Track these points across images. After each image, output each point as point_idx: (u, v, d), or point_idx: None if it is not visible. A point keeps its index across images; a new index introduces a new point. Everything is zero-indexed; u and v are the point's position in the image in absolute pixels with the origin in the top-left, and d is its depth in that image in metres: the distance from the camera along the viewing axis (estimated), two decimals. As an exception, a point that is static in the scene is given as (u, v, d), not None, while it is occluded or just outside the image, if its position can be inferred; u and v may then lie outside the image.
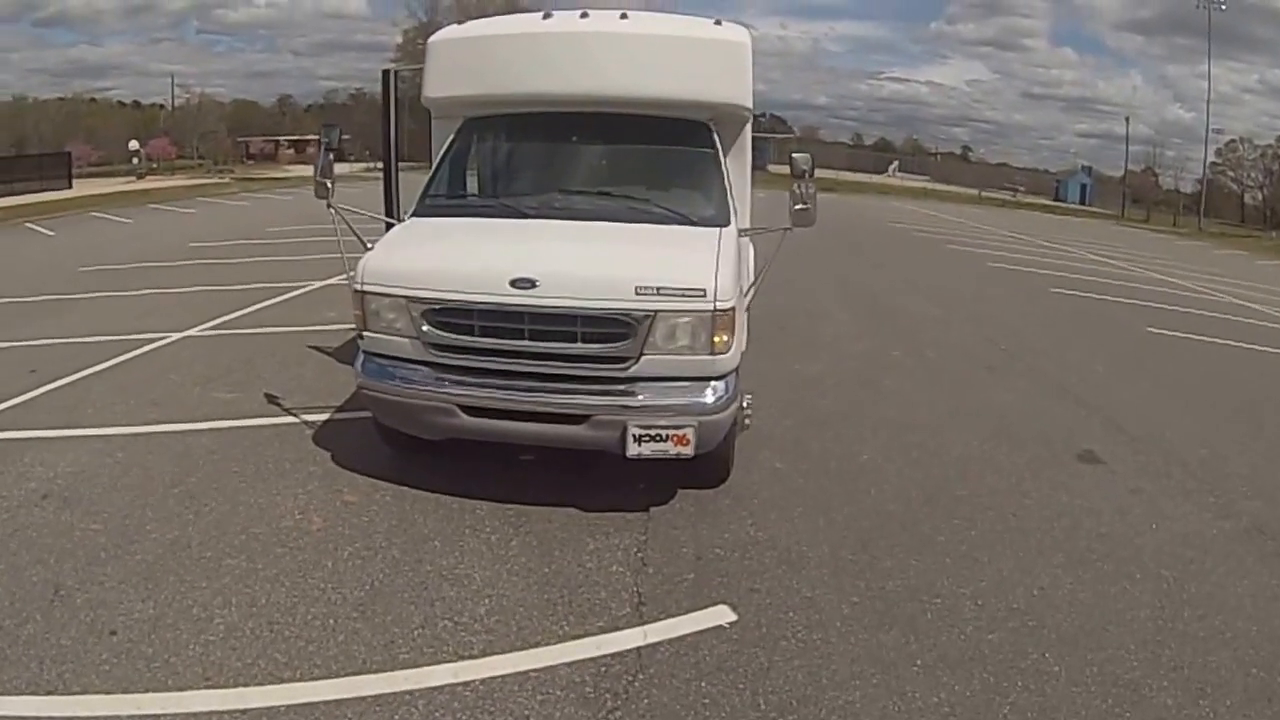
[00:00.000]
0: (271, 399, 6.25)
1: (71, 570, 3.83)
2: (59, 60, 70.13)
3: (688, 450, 4.23)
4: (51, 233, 19.86)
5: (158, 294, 10.67)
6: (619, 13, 5.63)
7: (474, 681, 3.12)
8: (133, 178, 38.12)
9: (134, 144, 41.32)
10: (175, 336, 8.21)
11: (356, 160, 36.07)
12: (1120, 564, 4.28)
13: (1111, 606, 3.86)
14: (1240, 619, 3.81)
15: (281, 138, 49.22)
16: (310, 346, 7.77)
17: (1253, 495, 5.33)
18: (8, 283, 11.80)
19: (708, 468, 4.77)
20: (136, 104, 58.58)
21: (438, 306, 4.31)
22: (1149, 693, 3.23)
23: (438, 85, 5.65)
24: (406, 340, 4.41)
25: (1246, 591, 4.08)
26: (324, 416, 5.89)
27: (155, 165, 41.85)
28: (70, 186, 32.47)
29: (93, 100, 56.15)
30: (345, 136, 43.45)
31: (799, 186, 4.65)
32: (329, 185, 5.01)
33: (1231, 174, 56.33)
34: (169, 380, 6.75)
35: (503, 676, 3.16)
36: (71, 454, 5.16)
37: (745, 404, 4.64)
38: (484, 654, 3.30)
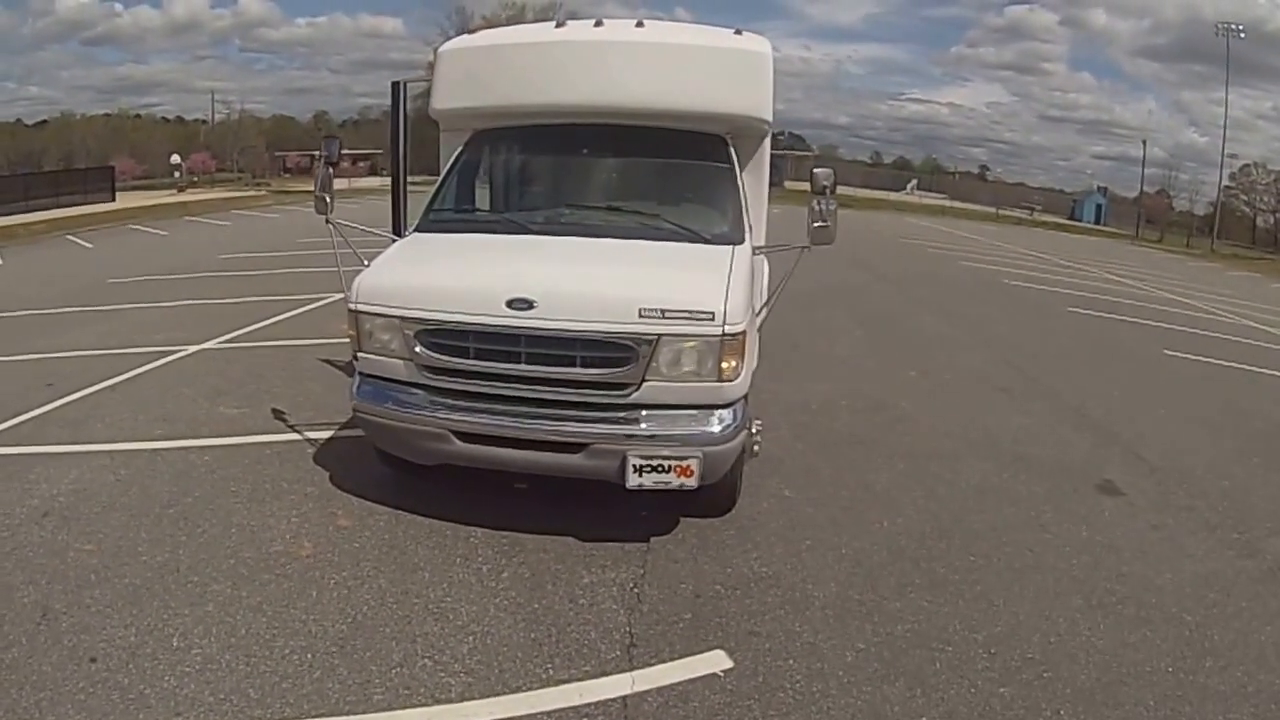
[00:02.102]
0: (277, 415, 6.21)
1: (61, 592, 3.79)
2: (106, 77, 72.15)
3: (691, 482, 4.05)
4: (89, 245, 20.27)
5: (182, 306, 10.78)
6: (634, 21, 5.52)
7: (446, 729, 3.00)
8: (174, 191, 38.90)
9: (175, 158, 42.23)
10: (192, 349, 8.24)
11: (388, 174, 36.38)
12: (1140, 607, 4.05)
13: (1130, 656, 3.63)
14: (1263, 670, 3.58)
15: (316, 152, 49.94)
16: (322, 360, 7.73)
17: (1276, 532, 5.07)
18: (41, 294, 12.02)
19: (713, 497, 4.57)
20: (180, 119, 59.97)
21: (431, 327, 4.17)
22: (1166, 758, 3.02)
23: (446, 96, 5.53)
24: (400, 362, 4.28)
25: (1270, 639, 3.84)
26: (327, 434, 5.83)
27: (196, 179, 42.69)
28: (113, 199, 33.32)
29: (137, 116, 57.65)
30: (376, 150, 43.80)
31: (818, 203, 4.44)
32: (328, 200, 4.90)
33: (1244, 197, 56.00)
34: (180, 395, 6.75)
35: (478, 724, 3.02)
36: (76, 470, 5.14)
37: (754, 430, 4.46)
38: (461, 698, 3.16)
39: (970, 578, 4.25)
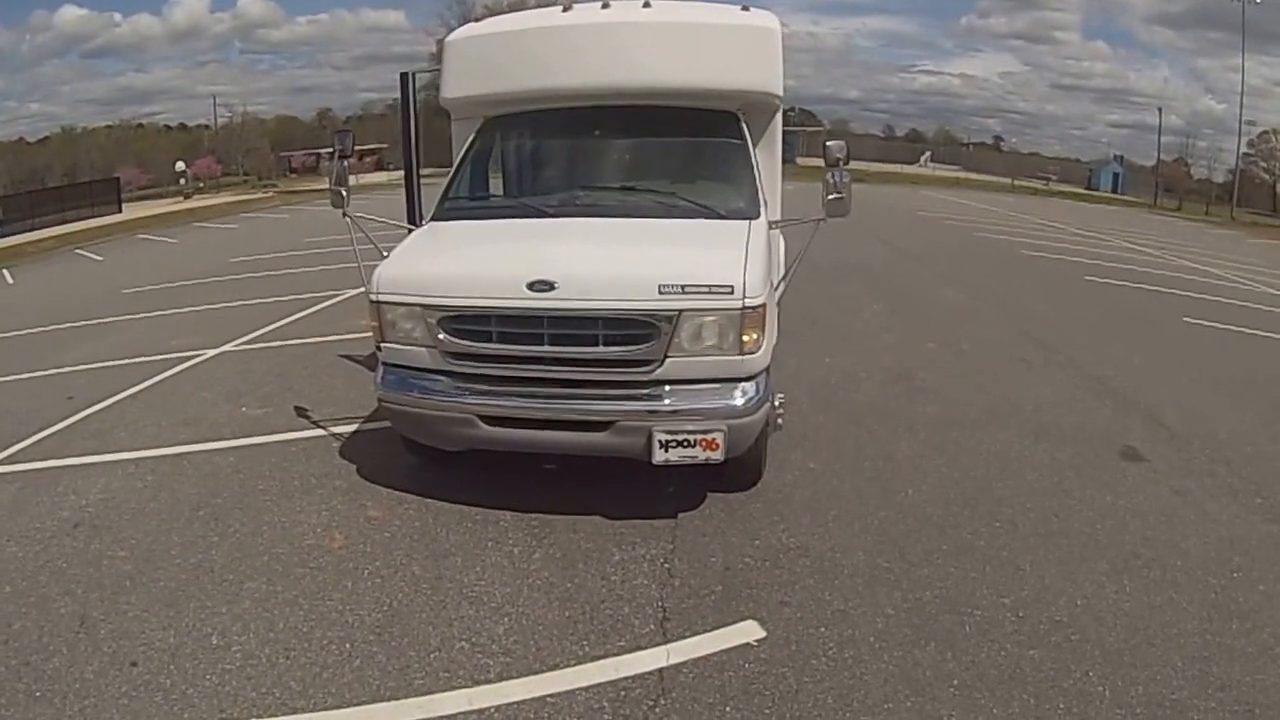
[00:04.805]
0: (301, 412, 6.26)
1: (98, 600, 3.84)
2: (107, 89, 71.24)
3: (717, 455, 4.08)
4: (100, 257, 20.41)
5: (197, 311, 10.84)
6: (641, 1, 5.49)
7: (488, 709, 3.03)
8: (180, 198, 39.02)
9: (180, 165, 42.22)
10: (211, 353, 8.30)
11: (396, 168, 36.40)
12: (1166, 570, 4.04)
13: (1157, 618, 3.63)
14: (1289, 632, 3.56)
15: (322, 150, 49.79)
16: (341, 356, 7.79)
17: (1299, 496, 5.03)
18: (55, 309, 12.12)
19: (739, 471, 4.62)
20: (183, 126, 59.42)
21: (453, 313, 4.20)
22: (1196, 715, 3.03)
23: (456, 85, 5.55)
24: (424, 350, 4.31)
25: (1295, 602, 3.82)
26: (352, 428, 5.88)
27: (202, 184, 42.69)
28: (120, 210, 33.48)
29: (140, 125, 57.26)
30: (382, 145, 43.57)
31: (833, 175, 4.46)
32: (344, 194, 4.90)
33: (1263, 164, 54.52)
34: (201, 398, 6.81)
35: (518, 703, 3.06)
36: (103, 480, 5.20)
37: (777, 403, 4.47)
38: (500, 678, 3.21)
39: (996, 543, 4.26)
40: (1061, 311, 10.67)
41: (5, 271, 19.52)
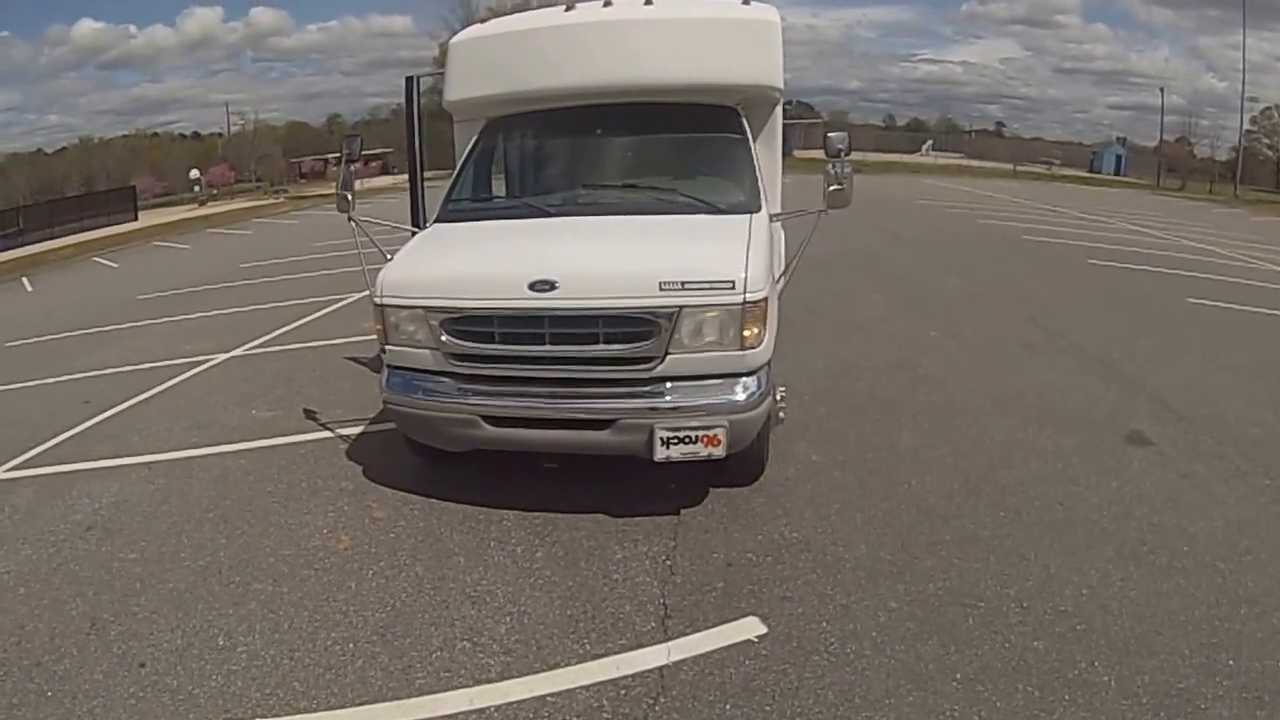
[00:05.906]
0: (309, 415, 6.31)
1: (108, 602, 3.89)
2: (123, 99, 72.35)
3: (719, 451, 4.08)
4: (115, 264, 20.66)
5: (208, 316, 10.96)
6: None
7: (489, 708, 3.05)
8: (195, 205, 39.39)
9: (194, 173, 42.69)
10: (222, 357, 8.39)
11: (400, 172, 36.58)
12: (1173, 556, 4.00)
13: (1164, 606, 3.60)
14: (1300, 616, 3.52)
15: (330, 156, 50.13)
16: (348, 358, 7.84)
17: (1308, 478, 4.96)
18: (72, 316, 12.31)
19: (741, 466, 4.62)
20: (196, 134, 60.08)
21: (456, 315, 4.21)
22: (1203, 704, 3.00)
23: (460, 87, 5.58)
24: (427, 352, 4.33)
25: (1305, 586, 3.77)
26: (358, 430, 5.91)
27: (215, 191, 43.09)
28: (136, 218, 33.95)
29: (155, 135, 58.11)
30: (387, 150, 43.53)
31: (834, 167, 4.45)
32: (349, 198, 4.93)
33: (1267, 141, 53.49)
34: (212, 402, 6.88)
35: (518, 702, 3.08)
36: (116, 484, 5.27)
37: (779, 396, 4.46)
38: (501, 677, 3.22)
39: (1000, 533, 4.23)
40: (1065, 296, 10.55)
41: (25, 280, 19.82)
